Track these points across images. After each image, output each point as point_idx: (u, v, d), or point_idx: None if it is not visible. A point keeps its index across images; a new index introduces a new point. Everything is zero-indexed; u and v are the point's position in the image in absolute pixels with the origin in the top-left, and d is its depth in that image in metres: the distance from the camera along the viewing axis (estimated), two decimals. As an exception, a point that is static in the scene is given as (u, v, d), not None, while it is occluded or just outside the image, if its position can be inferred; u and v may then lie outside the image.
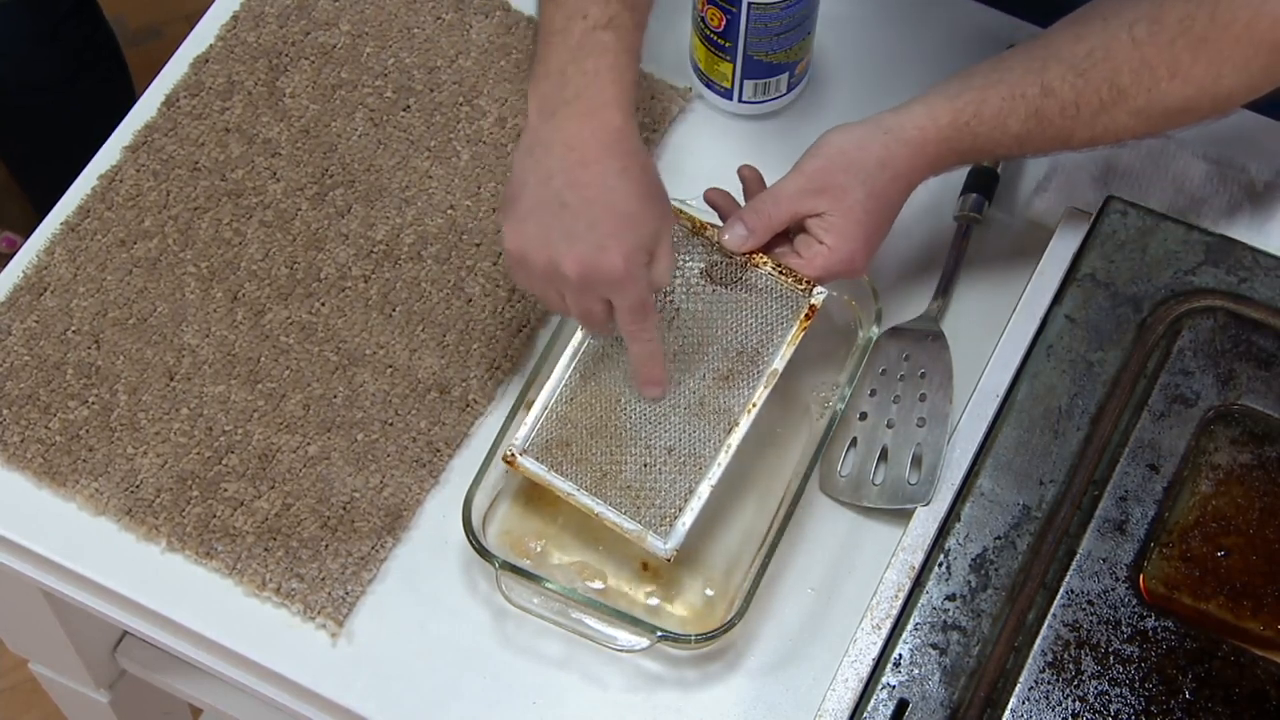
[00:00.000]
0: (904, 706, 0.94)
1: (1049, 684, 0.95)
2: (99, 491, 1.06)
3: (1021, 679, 0.95)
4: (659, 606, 1.03)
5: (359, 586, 1.03)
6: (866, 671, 0.96)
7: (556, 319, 1.11)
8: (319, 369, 1.10)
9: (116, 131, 1.20)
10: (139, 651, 1.35)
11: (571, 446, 1.02)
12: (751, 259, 1.04)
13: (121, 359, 1.10)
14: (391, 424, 1.08)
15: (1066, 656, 0.95)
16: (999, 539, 0.99)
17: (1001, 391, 1.04)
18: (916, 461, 1.03)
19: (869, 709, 0.94)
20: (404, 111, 1.20)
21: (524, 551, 1.04)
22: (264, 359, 1.10)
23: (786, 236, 1.04)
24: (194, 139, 1.19)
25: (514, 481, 1.05)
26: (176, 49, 1.24)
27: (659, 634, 0.98)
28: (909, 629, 0.96)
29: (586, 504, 1.01)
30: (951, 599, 0.97)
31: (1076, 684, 0.95)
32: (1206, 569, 0.99)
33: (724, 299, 1.04)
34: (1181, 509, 1.01)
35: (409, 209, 1.16)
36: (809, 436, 1.07)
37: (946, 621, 0.96)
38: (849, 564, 1.05)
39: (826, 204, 1.01)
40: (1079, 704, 0.94)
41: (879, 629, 0.97)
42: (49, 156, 1.84)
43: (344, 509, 1.05)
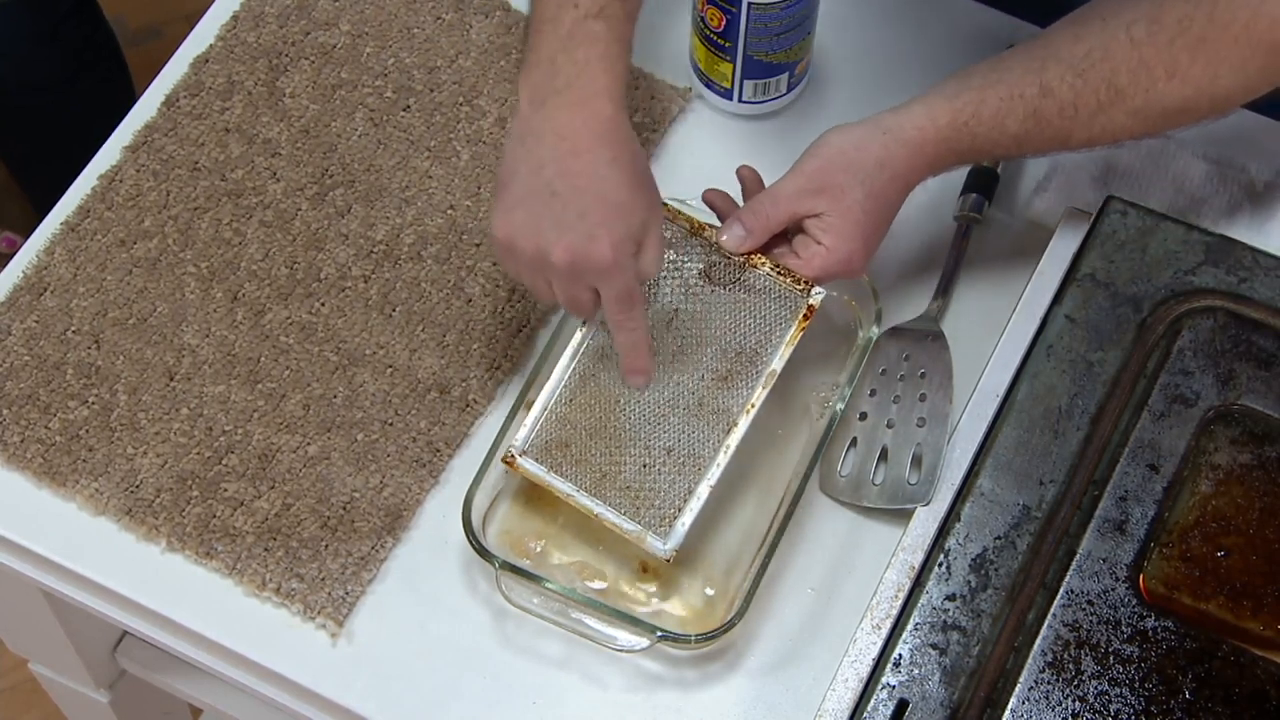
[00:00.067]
0: (904, 706, 0.94)
1: (1049, 684, 0.95)
2: (99, 491, 1.06)
3: (1021, 679, 0.95)
4: (659, 606, 1.03)
5: (359, 586, 1.04)
6: (866, 671, 0.96)
7: (556, 319, 1.11)
8: (319, 369, 1.10)
9: (116, 131, 1.20)
10: (139, 651, 1.35)
11: (571, 447, 1.02)
12: (750, 259, 1.04)
13: (121, 359, 1.10)
14: (391, 424, 1.08)
15: (1066, 656, 0.95)
16: (999, 539, 0.99)
17: (1001, 391, 1.04)
18: (916, 461, 1.03)
19: (869, 709, 0.94)
20: (404, 111, 1.20)
21: (524, 551, 1.04)
22: (264, 359, 1.10)
23: (785, 237, 1.04)
24: (194, 139, 1.19)
25: (514, 481, 1.05)
26: (176, 49, 1.24)
27: (659, 634, 0.98)
28: (909, 629, 0.96)
29: (586, 505, 1.01)
30: (951, 599, 0.97)
31: (1076, 684, 0.95)
32: (1206, 569, 0.99)
33: (722, 300, 1.04)
34: (1181, 509, 1.01)
35: (409, 209, 1.16)
36: (809, 436, 1.06)
37: (946, 621, 0.96)
38: (849, 564, 1.05)
39: (825, 204, 1.01)
40: (1079, 704, 0.94)
41: (879, 629, 0.97)
42: (49, 156, 1.84)
43: (344, 509, 1.05)
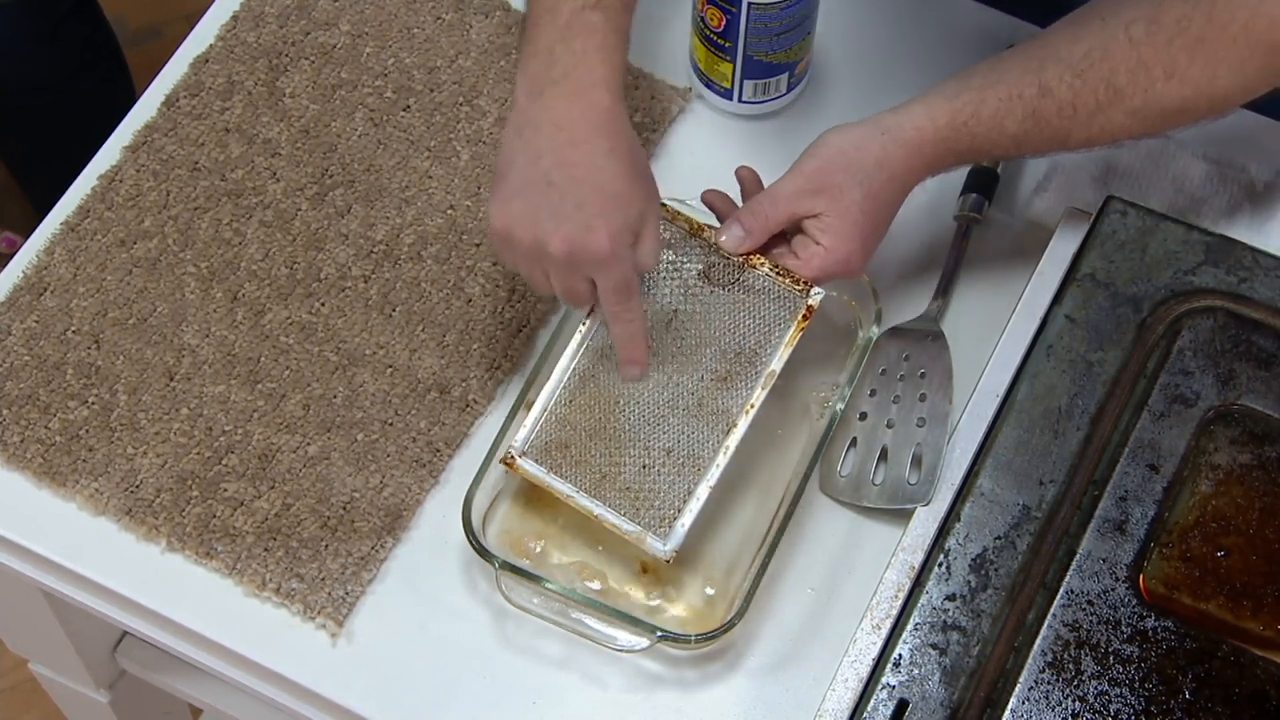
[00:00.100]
0: (904, 706, 0.94)
1: (1049, 684, 0.95)
2: (99, 491, 1.06)
3: (1021, 679, 0.95)
4: (659, 606, 1.03)
5: (359, 586, 1.03)
6: (866, 671, 0.96)
7: (556, 319, 1.11)
8: (319, 369, 1.10)
9: (116, 131, 1.20)
10: (139, 651, 1.35)
11: (570, 448, 1.02)
12: (749, 260, 1.04)
13: (121, 359, 1.10)
14: (391, 424, 1.08)
15: (1066, 656, 0.95)
16: (999, 539, 0.99)
17: (1001, 391, 1.04)
18: (916, 461, 1.03)
19: (869, 709, 0.94)
20: (404, 111, 1.20)
21: (524, 551, 1.04)
22: (264, 359, 1.10)
23: (784, 237, 1.04)
24: (194, 139, 1.19)
25: (514, 482, 1.05)
26: (176, 49, 1.24)
27: (659, 634, 0.98)
28: (909, 629, 0.96)
29: (586, 506, 1.01)
30: (951, 599, 0.97)
31: (1076, 684, 0.95)
32: (1206, 569, 0.99)
33: (722, 300, 1.04)
34: (1181, 509, 1.01)
35: (409, 209, 1.16)
36: (809, 436, 1.06)
37: (946, 621, 0.96)
38: (849, 564, 1.05)
39: (824, 205, 1.01)
40: (1079, 704, 0.94)
41: (879, 629, 0.97)
42: (49, 156, 1.84)
43: (344, 509, 1.05)
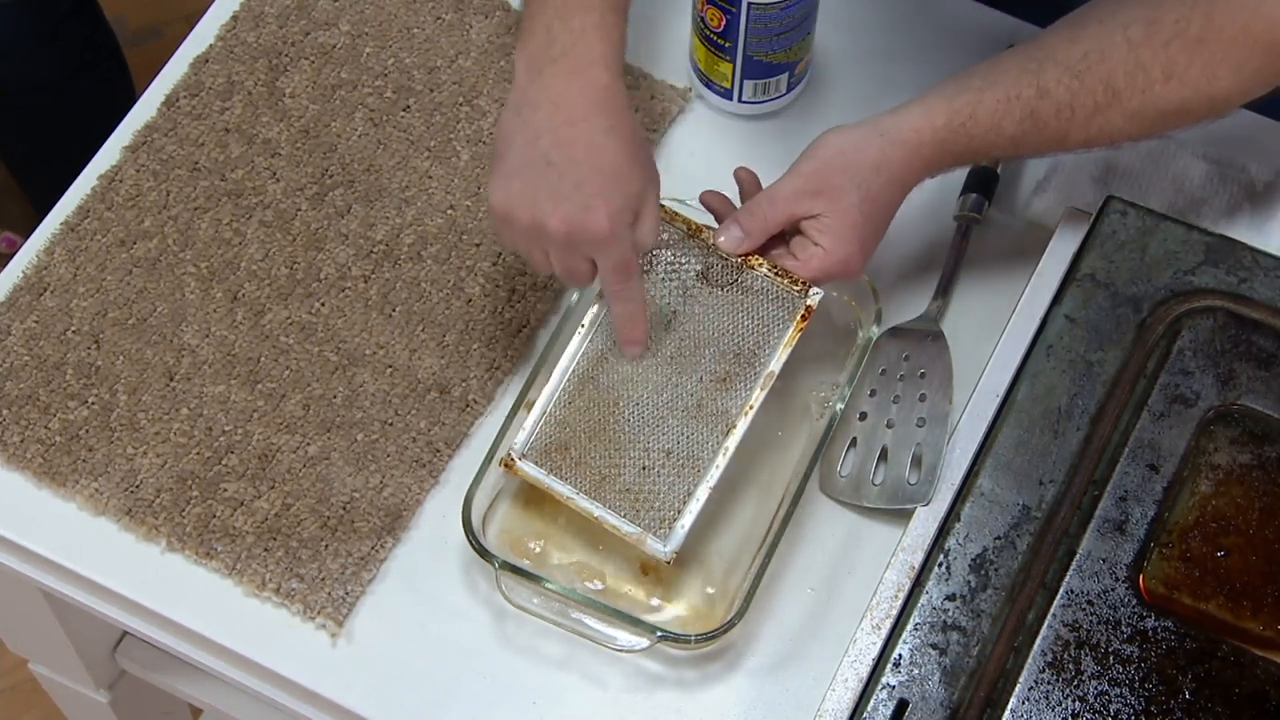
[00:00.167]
0: (904, 706, 0.94)
1: (1049, 684, 0.95)
2: (99, 491, 1.06)
3: (1021, 679, 0.95)
4: (659, 606, 1.03)
5: (359, 586, 1.03)
6: (866, 671, 0.96)
7: (556, 320, 1.11)
8: (319, 369, 1.10)
9: (116, 131, 1.20)
10: (139, 651, 1.35)
11: (570, 450, 1.02)
12: (748, 261, 1.03)
13: (121, 359, 1.10)
14: (391, 424, 1.08)
15: (1066, 656, 0.95)
16: (999, 539, 0.99)
17: (1001, 391, 1.04)
18: (916, 461, 1.03)
19: (869, 709, 0.94)
20: (404, 111, 1.20)
21: (524, 552, 1.04)
22: (264, 359, 1.10)
23: (783, 239, 1.04)
24: (194, 139, 1.19)
25: (514, 482, 1.05)
26: (176, 49, 1.24)
27: (659, 634, 0.98)
28: (909, 629, 0.96)
29: (586, 507, 1.01)
30: (951, 599, 0.97)
31: (1076, 684, 0.95)
32: (1206, 569, 0.99)
33: (720, 301, 1.04)
34: (1181, 509, 1.01)
35: (409, 209, 1.16)
36: (809, 437, 1.06)
37: (946, 621, 0.96)
38: (849, 564, 1.05)
39: (822, 206, 1.00)
40: (1079, 704, 0.94)
41: (879, 629, 0.97)
42: (49, 156, 1.84)
43: (344, 509, 1.05)
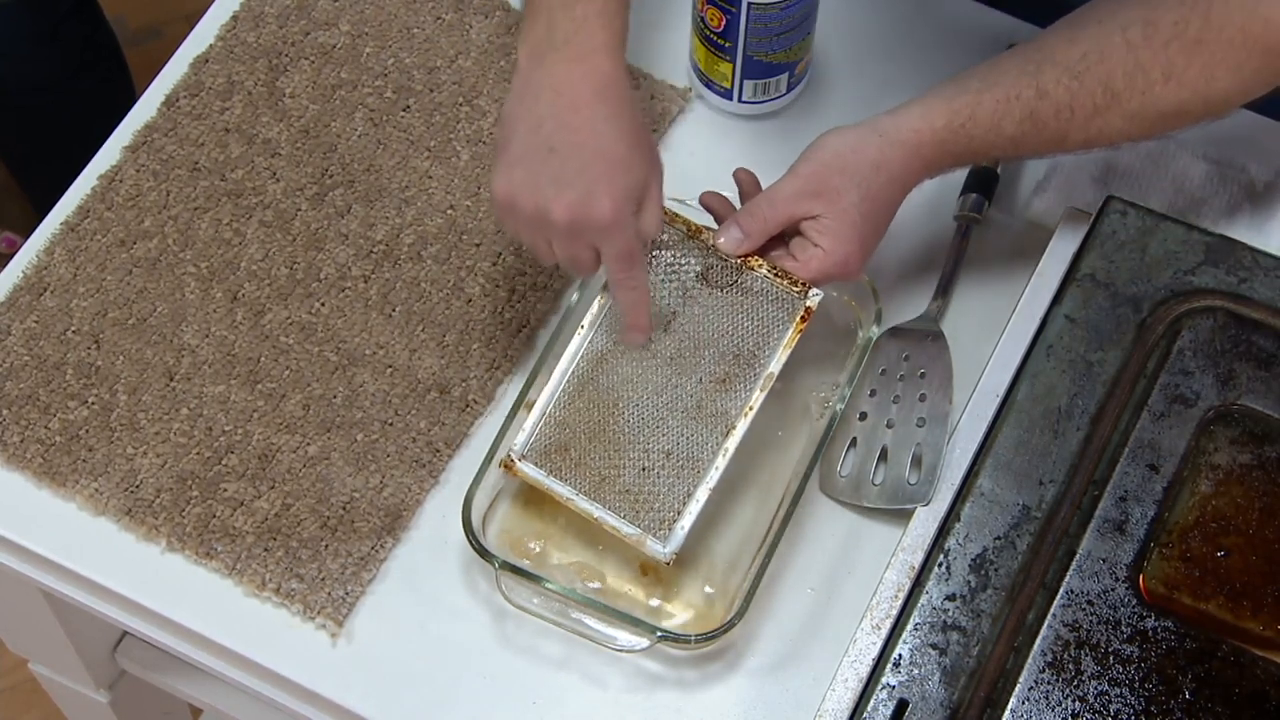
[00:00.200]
0: (904, 706, 0.94)
1: (1049, 684, 0.95)
2: (99, 491, 1.06)
3: (1021, 679, 0.95)
4: (659, 606, 1.03)
5: (359, 586, 1.03)
6: (866, 671, 0.96)
7: (556, 320, 1.11)
8: (319, 369, 1.10)
9: (116, 131, 1.20)
10: (139, 651, 1.35)
11: (570, 451, 1.02)
12: (747, 262, 1.03)
13: (121, 359, 1.10)
14: (391, 424, 1.08)
15: (1066, 656, 0.95)
16: (999, 539, 0.99)
17: (1001, 391, 1.04)
18: (916, 461, 1.03)
19: (869, 709, 0.94)
20: (404, 111, 1.20)
21: (524, 552, 1.04)
22: (264, 359, 1.10)
23: (783, 239, 1.04)
24: (194, 139, 1.19)
25: (513, 482, 1.05)
26: (176, 49, 1.24)
27: (659, 634, 0.98)
28: (909, 629, 0.96)
29: (585, 509, 1.01)
30: (951, 599, 0.97)
31: (1076, 684, 0.95)
32: (1206, 569, 0.99)
33: (720, 302, 1.04)
34: (1181, 509, 1.01)
35: (409, 209, 1.16)
36: (809, 437, 1.06)
37: (946, 621, 0.96)
38: (849, 564, 1.05)
39: (821, 207, 1.00)
40: (1079, 704, 0.94)
41: (879, 629, 0.97)
42: (49, 156, 1.84)
43: (344, 509, 1.05)
